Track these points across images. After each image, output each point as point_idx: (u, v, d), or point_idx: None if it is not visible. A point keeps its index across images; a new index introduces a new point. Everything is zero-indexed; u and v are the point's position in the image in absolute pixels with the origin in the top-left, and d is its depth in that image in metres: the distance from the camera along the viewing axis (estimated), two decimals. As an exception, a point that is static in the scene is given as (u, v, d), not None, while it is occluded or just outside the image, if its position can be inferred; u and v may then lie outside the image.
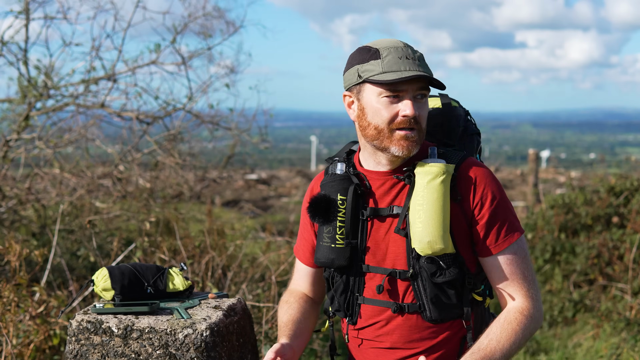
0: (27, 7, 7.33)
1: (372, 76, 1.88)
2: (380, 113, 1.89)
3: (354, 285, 2.02)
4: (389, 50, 1.89)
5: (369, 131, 1.93)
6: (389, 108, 1.88)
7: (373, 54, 1.90)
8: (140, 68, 8.02)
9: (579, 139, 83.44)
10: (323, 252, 2.01)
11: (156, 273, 2.31)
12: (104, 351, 2.05)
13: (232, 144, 10.73)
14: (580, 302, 6.42)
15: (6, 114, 7.76)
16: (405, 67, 1.86)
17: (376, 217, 1.98)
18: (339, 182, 2.00)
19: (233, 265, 4.89)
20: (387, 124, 1.89)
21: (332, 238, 1.98)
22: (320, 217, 1.99)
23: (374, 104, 1.90)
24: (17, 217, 7.19)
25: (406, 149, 1.90)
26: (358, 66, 1.92)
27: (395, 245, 1.97)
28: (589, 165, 26.75)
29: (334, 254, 1.98)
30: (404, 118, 1.88)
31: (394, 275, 1.96)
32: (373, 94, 1.90)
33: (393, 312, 1.97)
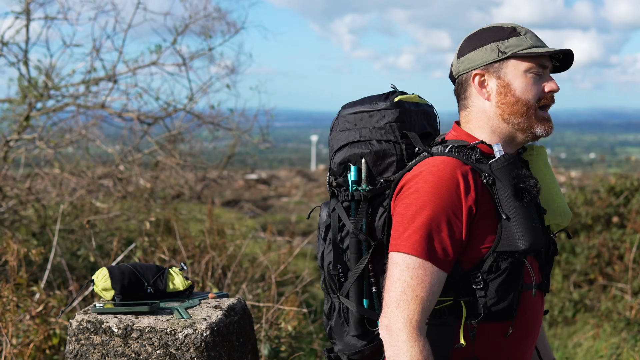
0: (27, 7, 7.34)
1: (520, 50, 1.86)
2: (530, 88, 1.87)
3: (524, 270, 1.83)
4: (525, 29, 1.90)
5: (518, 107, 1.87)
6: (537, 84, 1.88)
7: (511, 32, 1.89)
8: (141, 69, 8.04)
9: (579, 139, 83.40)
10: (537, 234, 1.78)
11: (156, 273, 2.31)
12: (104, 351, 2.06)
13: (232, 144, 10.74)
14: (580, 302, 6.42)
15: (7, 114, 7.77)
16: (545, 44, 1.90)
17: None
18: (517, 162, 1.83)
19: (233, 265, 4.90)
20: (535, 100, 1.87)
21: (537, 219, 1.81)
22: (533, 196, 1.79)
23: (520, 80, 1.87)
24: (18, 217, 7.20)
25: (549, 129, 1.90)
26: (498, 43, 1.88)
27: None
28: (589, 165, 26.73)
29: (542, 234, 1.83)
30: (549, 94, 1.88)
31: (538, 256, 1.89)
32: (521, 70, 1.87)
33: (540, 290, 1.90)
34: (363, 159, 1.98)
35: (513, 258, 1.78)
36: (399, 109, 2.00)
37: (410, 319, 1.70)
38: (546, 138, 1.98)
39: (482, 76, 1.89)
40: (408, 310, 1.70)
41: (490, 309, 1.79)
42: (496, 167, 1.79)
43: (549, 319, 6.36)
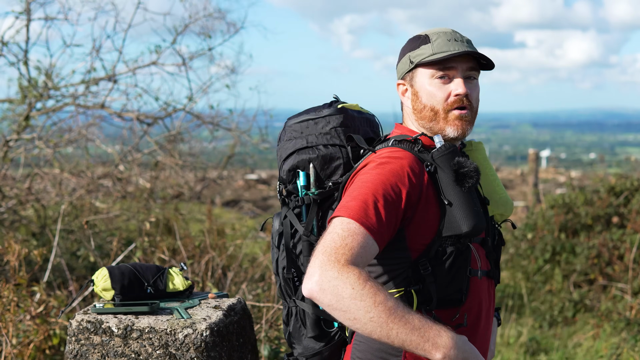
0: (28, 7, 7.34)
1: (423, 59, 1.95)
2: (434, 94, 1.95)
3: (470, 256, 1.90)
4: (438, 35, 1.97)
5: (425, 113, 1.97)
6: (442, 89, 1.94)
7: (423, 40, 1.98)
8: (141, 69, 8.04)
9: (579, 139, 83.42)
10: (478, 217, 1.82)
11: (156, 273, 2.31)
12: (104, 351, 2.05)
13: (232, 144, 10.74)
14: (580, 302, 6.42)
15: (6, 114, 7.77)
16: (455, 47, 1.93)
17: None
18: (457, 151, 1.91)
19: (233, 265, 4.90)
20: (442, 104, 1.94)
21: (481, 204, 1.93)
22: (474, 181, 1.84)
23: (427, 86, 1.96)
24: (17, 217, 7.20)
25: (460, 129, 1.95)
26: (409, 54, 1.99)
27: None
28: (589, 165, 26.75)
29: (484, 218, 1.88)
30: (457, 97, 1.93)
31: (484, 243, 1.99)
32: (425, 77, 1.96)
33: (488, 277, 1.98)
34: (311, 164, 2.03)
35: (457, 242, 1.84)
36: (343, 115, 2.10)
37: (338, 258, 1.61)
38: (546, 138, 2.01)
39: (404, 85, 2.02)
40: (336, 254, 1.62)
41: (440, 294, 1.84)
42: (437, 156, 1.87)
43: (549, 319, 6.36)
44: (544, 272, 7.14)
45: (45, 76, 7.50)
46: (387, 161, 1.84)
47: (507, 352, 5.65)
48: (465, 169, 1.84)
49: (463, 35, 1.99)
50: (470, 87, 1.96)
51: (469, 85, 1.95)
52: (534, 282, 7.16)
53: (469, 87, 1.95)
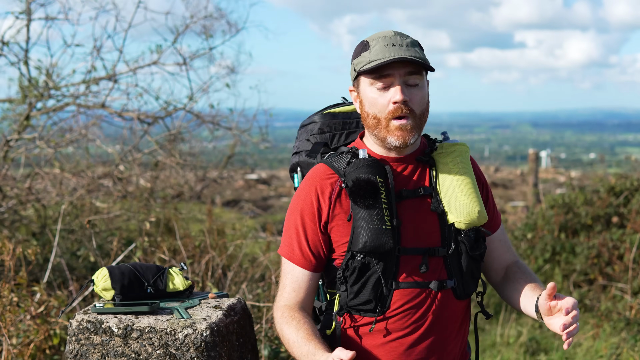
0: (28, 7, 7.34)
1: (361, 68, 1.94)
2: (375, 102, 1.94)
3: (391, 269, 1.94)
4: (377, 41, 1.94)
5: (369, 121, 1.97)
6: (381, 97, 1.93)
7: (364, 47, 1.96)
8: (141, 68, 8.04)
9: (579, 139, 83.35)
10: (374, 234, 1.89)
11: (156, 273, 2.31)
12: (104, 351, 2.06)
13: (232, 144, 10.74)
14: (580, 302, 6.42)
15: (7, 113, 7.77)
16: (390, 53, 1.89)
17: (411, 197, 1.98)
18: (375, 165, 1.96)
19: (233, 265, 4.90)
20: (383, 113, 1.94)
21: (381, 220, 1.90)
22: (369, 199, 1.91)
23: (369, 94, 1.95)
24: (18, 217, 7.20)
25: (402, 139, 1.94)
26: (354, 61, 1.99)
27: (429, 224, 1.99)
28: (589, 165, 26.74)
29: (386, 235, 1.90)
30: (395, 105, 1.91)
31: (432, 254, 1.97)
32: (367, 85, 1.95)
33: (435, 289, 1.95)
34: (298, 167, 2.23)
35: (362, 257, 1.93)
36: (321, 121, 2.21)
37: (277, 302, 2.03)
38: (546, 138, 2.02)
39: (354, 92, 2.04)
40: (278, 297, 2.04)
41: (349, 303, 1.98)
42: (348, 172, 1.96)
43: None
44: (544, 272, 7.14)
45: (46, 76, 7.50)
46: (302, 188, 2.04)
47: (507, 352, 5.66)
48: (355, 187, 1.92)
49: (406, 37, 1.95)
50: (411, 92, 1.92)
51: (409, 91, 1.92)
52: (534, 282, 7.16)
53: (409, 92, 1.92)
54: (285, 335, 1.93)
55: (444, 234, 1.98)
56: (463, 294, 2.02)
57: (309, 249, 2.00)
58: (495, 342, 5.90)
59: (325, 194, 1.98)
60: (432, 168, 2.02)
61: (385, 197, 1.94)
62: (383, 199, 1.93)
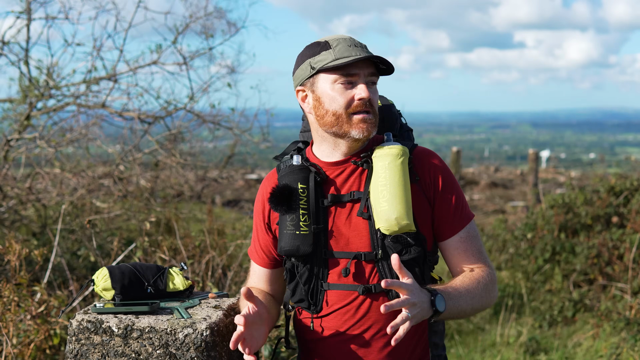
0: (28, 7, 7.35)
1: (325, 65, 1.97)
2: (336, 99, 1.97)
3: (318, 272, 2.03)
4: (338, 41, 2.00)
5: (327, 119, 2.00)
6: (345, 94, 1.97)
7: (323, 46, 2.00)
8: (142, 68, 8.04)
9: (579, 139, 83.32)
10: (287, 239, 2.01)
11: (156, 273, 2.31)
12: (104, 351, 2.06)
13: (232, 144, 10.74)
14: (580, 302, 6.43)
15: (7, 113, 7.78)
16: (356, 52, 1.96)
17: (337, 203, 2.03)
18: (298, 171, 2.04)
19: (233, 265, 4.90)
20: (345, 108, 1.97)
21: (295, 225, 2.00)
22: (282, 205, 2.00)
23: (330, 91, 1.98)
24: (18, 217, 7.20)
25: (365, 131, 1.98)
26: (310, 60, 2.02)
27: (357, 229, 2.01)
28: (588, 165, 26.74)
29: (299, 240, 1.99)
30: (360, 101, 1.96)
31: (359, 258, 1.99)
32: (327, 82, 1.98)
33: (361, 293, 1.99)
34: None
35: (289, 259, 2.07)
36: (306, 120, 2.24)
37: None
38: (546, 138, 2.02)
39: (304, 92, 2.06)
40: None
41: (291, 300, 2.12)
42: (278, 177, 2.09)
43: (549, 318, 6.36)
44: (544, 271, 7.15)
45: (46, 76, 7.51)
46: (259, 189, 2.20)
47: (507, 351, 5.66)
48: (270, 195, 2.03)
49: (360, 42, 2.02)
50: (371, 91, 1.99)
51: (370, 90, 1.98)
52: (534, 282, 7.16)
53: (370, 91, 1.98)
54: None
55: (373, 239, 2.00)
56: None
57: (261, 248, 2.18)
58: (495, 342, 5.90)
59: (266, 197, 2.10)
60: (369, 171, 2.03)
61: (305, 202, 2.00)
62: (302, 205, 2.00)
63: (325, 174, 2.05)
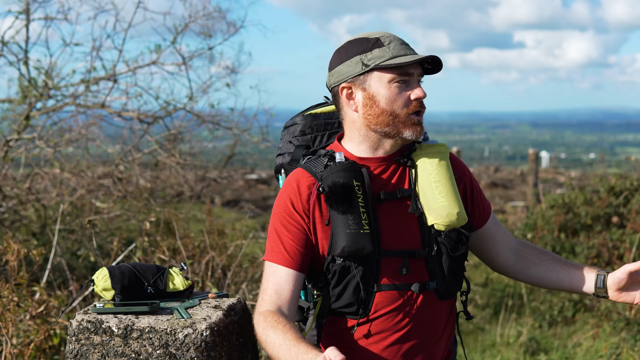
0: (27, 7, 7.34)
1: (382, 62, 1.91)
2: (394, 99, 1.94)
3: (371, 272, 1.95)
4: (389, 38, 1.95)
5: (382, 118, 1.95)
6: (402, 93, 1.94)
7: (375, 43, 1.94)
8: (141, 68, 8.04)
9: (579, 139, 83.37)
10: (351, 239, 1.89)
11: (156, 273, 2.31)
12: (104, 351, 2.06)
13: (232, 144, 10.74)
14: (580, 302, 6.43)
15: (7, 114, 7.77)
16: (409, 51, 1.94)
17: (388, 200, 1.99)
18: (349, 169, 1.95)
19: (233, 265, 4.90)
20: (402, 109, 1.94)
21: (358, 224, 1.90)
22: (344, 204, 1.91)
23: (386, 90, 1.94)
24: (18, 217, 7.20)
25: (419, 133, 1.97)
26: (361, 56, 1.95)
27: (408, 226, 1.99)
28: (588, 165, 26.75)
29: (364, 239, 1.90)
30: (417, 101, 1.95)
31: (412, 256, 1.97)
32: (382, 81, 1.93)
33: (416, 291, 1.96)
34: (282, 169, 2.22)
35: (342, 260, 1.94)
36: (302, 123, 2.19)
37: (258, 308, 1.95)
38: (546, 138, 2.04)
39: (350, 89, 1.98)
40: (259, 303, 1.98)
41: (332, 305, 1.99)
42: (324, 176, 1.96)
43: (549, 318, 6.36)
44: (544, 272, 7.14)
45: (45, 76, 7.50)
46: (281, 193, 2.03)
47: (507, 352, 5.66)
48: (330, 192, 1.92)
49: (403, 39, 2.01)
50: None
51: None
52: (534, 282, 7.16)
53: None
54: (270, 340, 1.85)
55: (424, 235, 1.99)
56: (446, 294, 2.02)
57: (292, 248, 1.98)
58: (495, 342, 5.90)
59: (304, 197, 1.98)
60: (412, 169, 2.02)
61: (363, 200, 1.93)
62: (360, 203, 1.92)
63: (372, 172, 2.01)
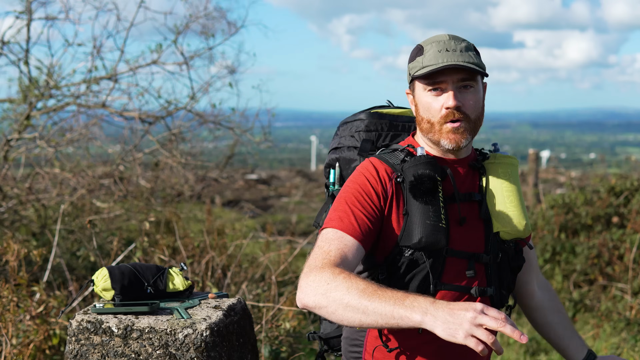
0: (29, 7, 7.35)
1: (415, 73, 1.96)
2: (428, 107, 1.96)
3: (437, 269, 1.94)
4: (431, 45, 1.95)
5: (423, 125, 1.99)
6: (435, 102, 1.95)
7: (418, 51, 1.98)
8: (142, 68, 8.04)
9: (579, 139, 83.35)
10: (429, 231, 1.88)
11: (156, 273, 2.31)
12: (104, 351, 2.06)
13: (232, 144, 10.74)
14: (580, 302, 6.42)
15: (7, 113, 7.77)
16: (443, 59, 1.91)
17: (462, 201, 2.01)
18: (433, 163, 1.95)
19: (233, 265, 4.90)
20: (435, 117, 1.95)
21: (438, 217, 1.91)
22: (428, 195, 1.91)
23: (423, 98, 1.97)
24: (18, 217, 7.20)
25: (455, 142, 1.95)
26: (410, 65, 2.01)
27: (476, 229, 2.01)
28: (589, 165, 26.73)
29: (441, 233, 1.90)
30: (447, 110, 1.93)
31: (477, 260, 1.98)
32: (421, 90, 1.98)
33: (475, 294, 1.96)
34: (337, 163, 2.22)
35: (412, 252, 1.91)
36: (368, 119, 2.20)
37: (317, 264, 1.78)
38: (547, 138, 2.04)
39: (409, 95, 2.07)
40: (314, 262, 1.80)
41: None
42: (406, 167, 1.96)
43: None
44: (544, 272, 7.14)
45: (47, 75, 7.50)
46: (359, 172, 1.98)
47: (507, 352, 5.66)
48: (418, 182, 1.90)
49: (461, 41, 1.95)
50: (465, 96, 1.93)
51: (463, 96, 1.93)
52: (534, 282, 7.16)
53: (463, 97, 1.93)
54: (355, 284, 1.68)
55: (488, 241, 2.01)
56: (499, 303, 2.04)
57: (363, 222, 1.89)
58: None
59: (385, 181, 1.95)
60: (483, 176, 2.05)
61: (442, 196, 1.95)
62: (441, 198, 1.94)
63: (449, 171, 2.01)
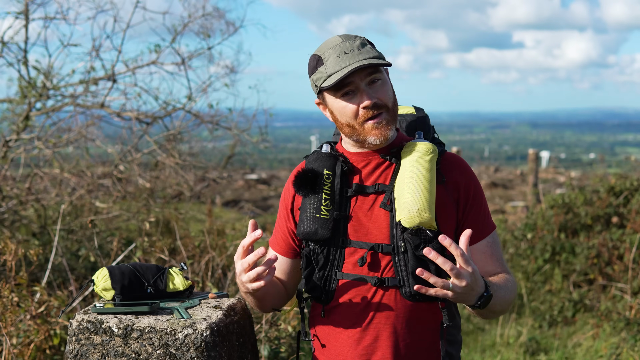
0: (26, 7, 7.34)
1: (321, 84, 1.97)
2: (345, 111, 1.98)
3: (334, 259, 2.03)
4: (328, 53, 1.96)
5: (345, 130, 2.02)
6: (350, 105, 1.97)
7: (318, 61, 1.99)
8: (140, 68, 8.03)
9: (579, 139, 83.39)
10: (307, 222, 2.02)
11: (156, 273, 2.31)
12: (104, 351, 2.06)
13: (232, 144, 10.73)
14: (580, 302, 6.42)
15: (6, 114, 7.77)
16: (346, 63, 1.92)
17: (361, 193, 2.04)
18: (326, 158, 2.07)
19: (233, 265, 4.90)
20: (355, 119, 1.98)
21: (316, 208, 2.02)
22: (306, 188, 2.03)
23: (337, 105, 1.99)
24: (17, 217, 7.20)
25: (382, 136, 1.98)
26: (312, 77, 2.03)
27: (378, 220, 2.01)
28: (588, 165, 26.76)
29: (318, 223, 2.01)
30: (365, 110, 1.96)
31: (376, 250, 1.99)
32: (332, 98, 2.00)
33: (373, 285, 1.98)
34: None
35: (307, 245, 2.07)
36: None
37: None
38: (546, 138, 2.02)
39: (320, 104, 2.10)
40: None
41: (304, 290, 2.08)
42: (308, 160, 2.11)
43: (549, 319, 6.36)
44: (544, 272, 7.14)
45: (45, 76, 7.50)
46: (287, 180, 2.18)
47: (507, 352, 5.66)
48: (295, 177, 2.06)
49: (354, 39, 1.96)
50: (377, 90, 1.96)
51: (375, 90, 1.95)
52: (534, 282, 7.16)
53: (375, 91, 1.95)
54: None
55: (392, 231, 1.99)
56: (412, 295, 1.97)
57: (281, 236, 2.18)
58: (495, 342, 5.90)
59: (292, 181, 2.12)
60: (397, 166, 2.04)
61: (329, 188, 2.02)
62: (326, 190, 2.02)
63: (351, 164, 2.07)
